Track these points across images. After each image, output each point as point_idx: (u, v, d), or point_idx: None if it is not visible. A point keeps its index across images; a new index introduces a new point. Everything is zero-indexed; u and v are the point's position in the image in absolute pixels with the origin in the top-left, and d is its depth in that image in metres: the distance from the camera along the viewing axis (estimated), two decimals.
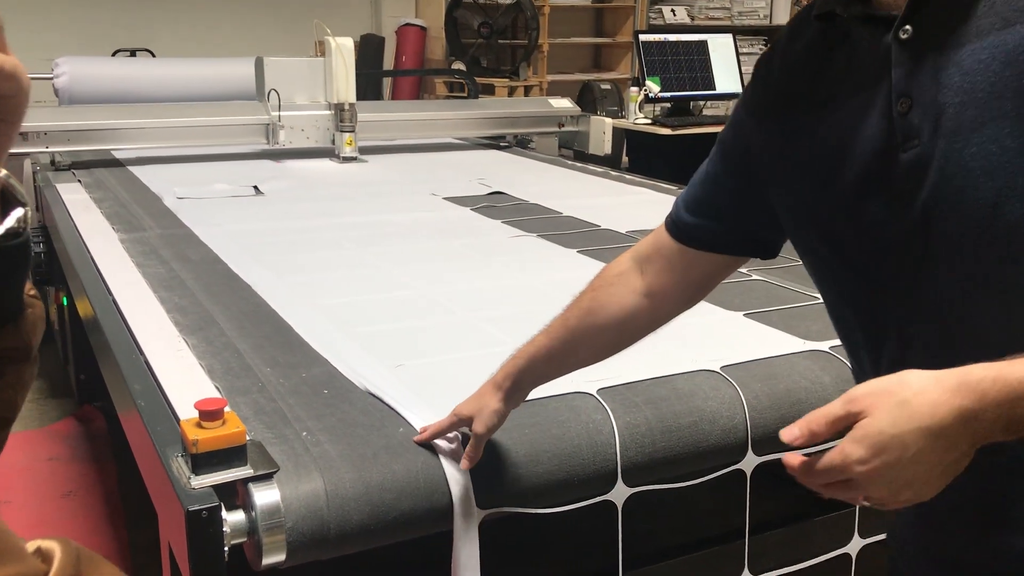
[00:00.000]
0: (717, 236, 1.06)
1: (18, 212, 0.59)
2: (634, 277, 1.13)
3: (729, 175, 1.05)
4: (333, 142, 3.85)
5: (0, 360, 0.61)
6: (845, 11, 0.86)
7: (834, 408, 0.75)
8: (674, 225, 1.09)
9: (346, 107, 3.79)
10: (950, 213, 0.80)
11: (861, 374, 0.96)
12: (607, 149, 4.29)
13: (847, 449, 0.73)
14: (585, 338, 1.16)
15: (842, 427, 0.74)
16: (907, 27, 0.81)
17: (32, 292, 0.64)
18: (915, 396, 0.72)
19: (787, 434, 0.77)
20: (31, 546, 0.53)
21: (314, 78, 3.86)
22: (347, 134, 3.79)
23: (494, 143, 4.49)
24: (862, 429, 0.73)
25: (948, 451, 0.72)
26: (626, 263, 1.15)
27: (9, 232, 0.58)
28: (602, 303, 1.14)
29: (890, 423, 0.72)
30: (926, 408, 0.71)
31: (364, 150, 3.93)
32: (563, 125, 4.42)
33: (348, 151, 3.80)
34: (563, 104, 4.52)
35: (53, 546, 0.53)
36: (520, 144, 4.49)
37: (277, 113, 3.79)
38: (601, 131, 4.31)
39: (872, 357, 0.93)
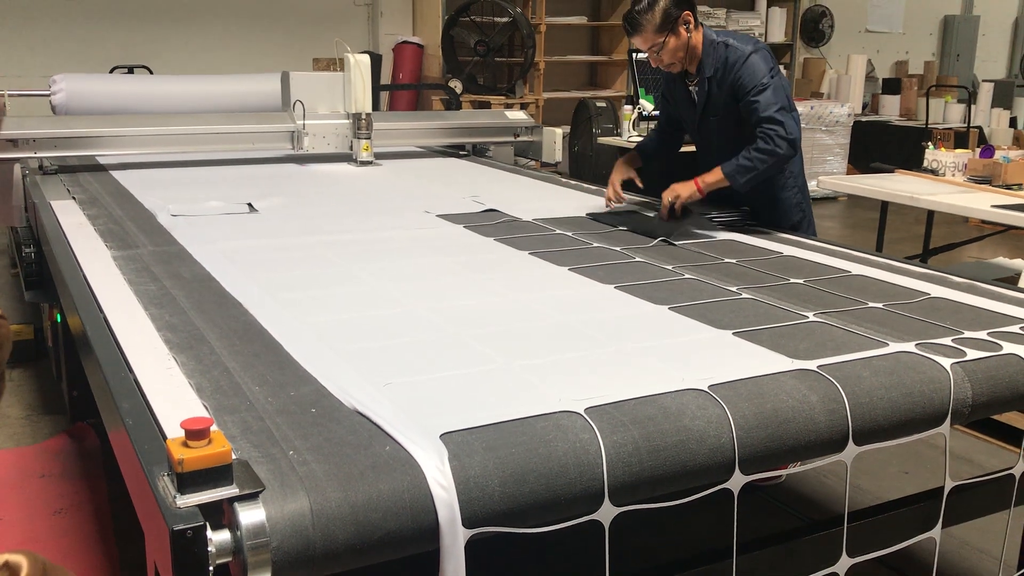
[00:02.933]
0: None
1: None
2: None
3: None
4: (351, 148, 4.22)
5: None
6: None
7: None
8: None
9: (363, 116, 4.16)
10: None
11: None
12: (558, 157, 4.61)
13: None
14: None
15: None
16: None
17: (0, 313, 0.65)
18: None
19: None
20: None
21: (333, 90, 4.24)
22: (364, 140, 4.17)
23: (453, 151, 4.79)
24: None
25: None
26: None
27: None
28: None
29: None
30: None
31: (327, 157, 4.25)
32: (518, 135, 4.71)
33: (365, 156, 4.18)
34: (518, 116, 4.84)
35: (20, 559, 0.54)
36: (477, 153, 4.77)
37: (302, 122, 4.14)
38: (552, 141, 4.60)
39: None
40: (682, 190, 2.93)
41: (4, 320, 0.66)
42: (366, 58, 4.18)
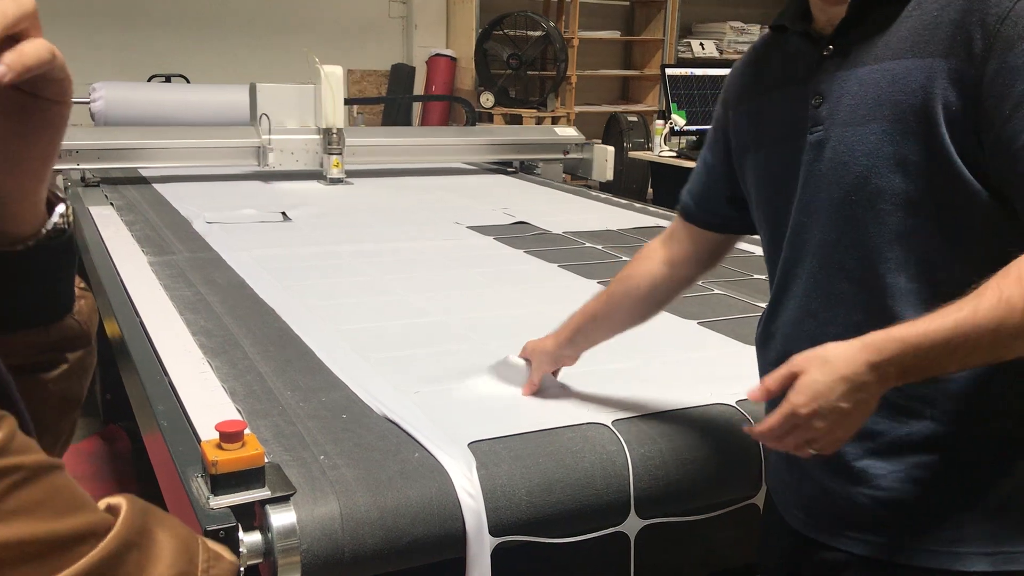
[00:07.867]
0: (723, 221, 1.37)
1: (60, 208, 0.62)
2: (660, 250, 1.43)
3: (719, 163, 1.33)
4: (321, 165, 3.98)
5: (63, 349, 0.64)
6: (792, 26, 1.17)
7: (780, 371, 1.00)
8: (684, 212, 1.41)
9: (334, 131, 3.93)
10: (834, 180, 1.10)
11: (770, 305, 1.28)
12: (609, 176, 4.43)
13: (792, 398, 0.97)
14: (621, 301, 1.46)
15: (787, 384, 0.99)
16: (831, 47, 1.11)
17: (82, 285, 0.67)
18: (834, 355, 0.97)
19: (752, 394, 1.04)
20: (100, 504, 0.56)
21: (304, 103, 4.01)
22: (334, 157, 3.93)
23: (501, 168, 4.64)
24: (801, 382, 0.97)
25: (860, 391, 0.96)
26: (656, 240, 1.46)
27: (57, 228, 0.62)
28: (633, 270, 1.45)
29: (820, 374, 0.96)
30: (843, 362, 0.96)
31: (370, 173, 4.09)
32: (568, 152, 4.55)
33: (335, 173, 3.94)
34: (568, 132, 4.67)
35: (120, 501, 0.57)
36: (526, 170, 4.63)
37: (268, 136, 3.93)
38: (603, 158, 4.43)
39: (772, 291, 1.26)
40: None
41: (88, 292, 0.69)
42: (338, 70, 3.99)
